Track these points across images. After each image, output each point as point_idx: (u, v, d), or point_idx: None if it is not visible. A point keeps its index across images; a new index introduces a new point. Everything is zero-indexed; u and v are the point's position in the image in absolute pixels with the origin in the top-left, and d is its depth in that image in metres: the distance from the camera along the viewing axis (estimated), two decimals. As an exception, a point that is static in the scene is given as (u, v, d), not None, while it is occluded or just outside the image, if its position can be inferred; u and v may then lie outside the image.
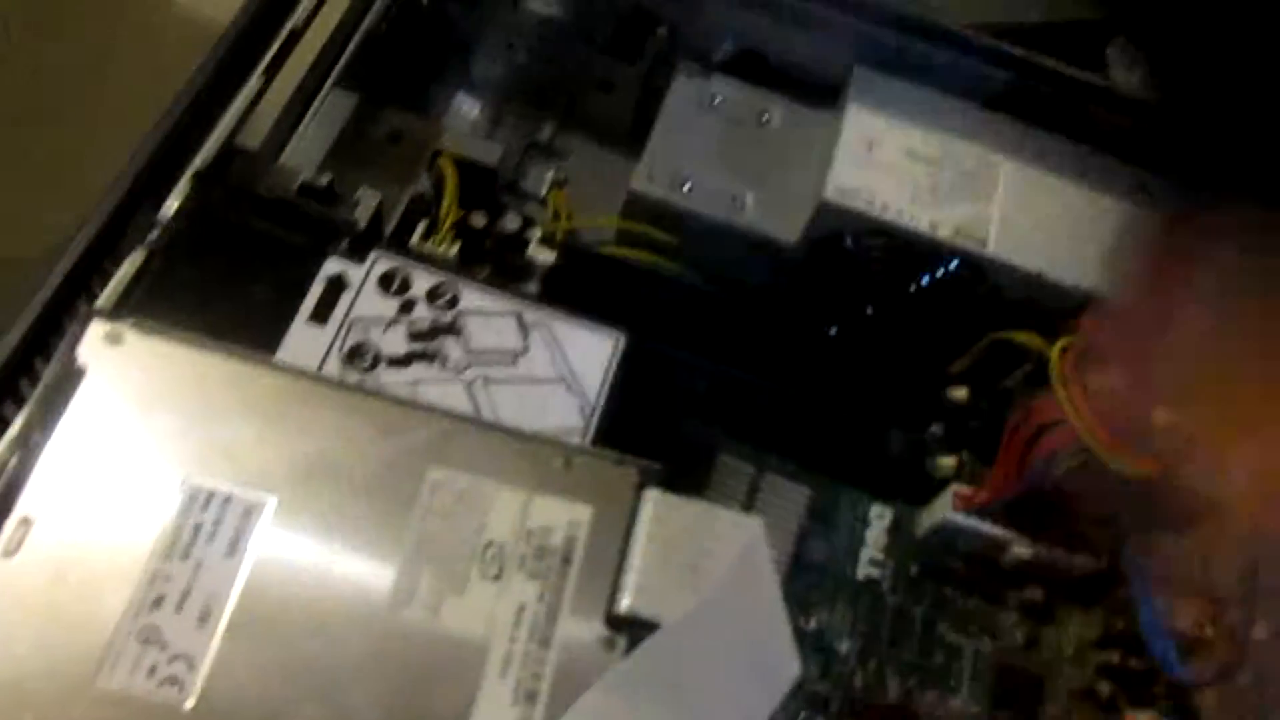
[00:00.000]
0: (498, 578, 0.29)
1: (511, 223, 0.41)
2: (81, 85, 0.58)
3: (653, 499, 0.31)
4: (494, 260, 0.40)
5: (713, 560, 0.30)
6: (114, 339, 0.30)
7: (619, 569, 0.30)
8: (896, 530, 0.44)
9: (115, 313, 0.32)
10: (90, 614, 0.27)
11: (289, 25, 0.42)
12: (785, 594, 0.30)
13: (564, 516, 0.30)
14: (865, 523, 0.44)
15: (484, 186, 0.42)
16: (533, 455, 0.31)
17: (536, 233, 0.41)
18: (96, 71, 0.58)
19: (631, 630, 0.29)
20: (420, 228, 0.41)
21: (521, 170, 0.48)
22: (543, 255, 0.40)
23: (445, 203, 0.40)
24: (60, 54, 0.58)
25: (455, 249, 0.39)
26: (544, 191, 0.47)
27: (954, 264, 0.41)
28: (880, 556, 0.44)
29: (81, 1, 0.60)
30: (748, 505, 0.41)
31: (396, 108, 0.47)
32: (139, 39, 0.60)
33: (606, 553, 0.30)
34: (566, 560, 0.30)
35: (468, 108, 0.49)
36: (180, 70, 0.40)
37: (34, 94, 0.57)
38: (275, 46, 0.41)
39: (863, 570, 0.43)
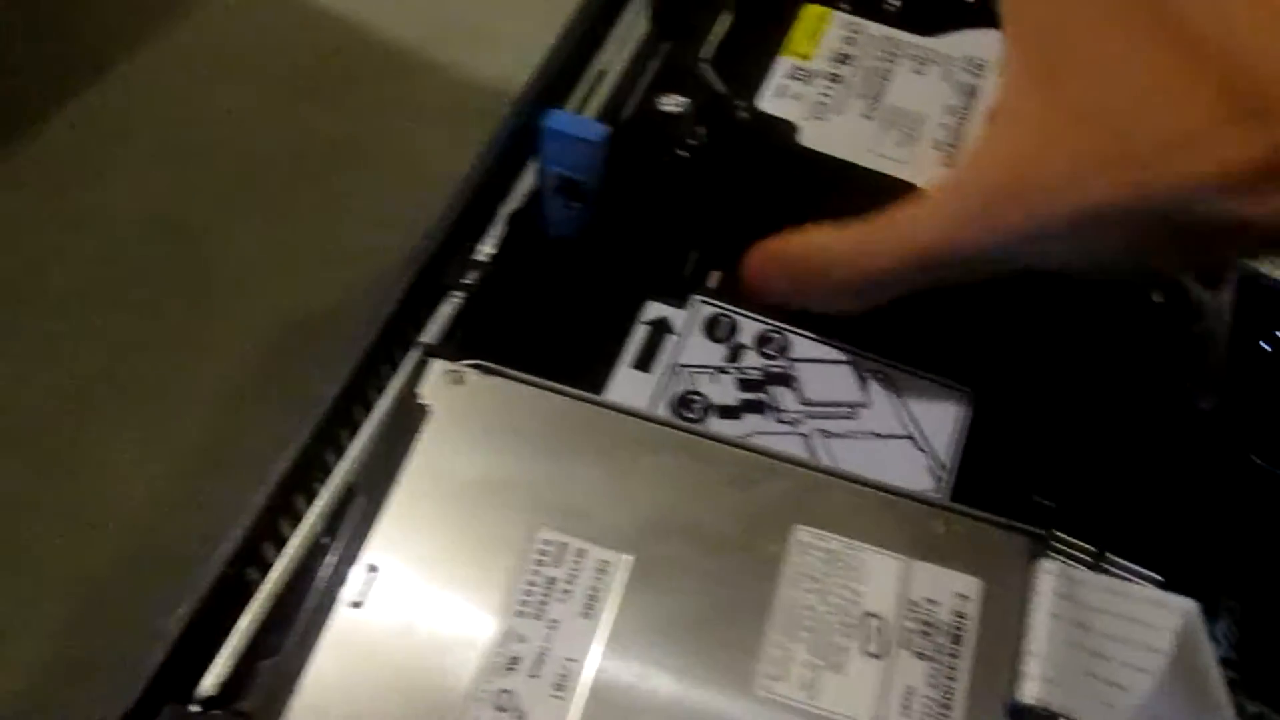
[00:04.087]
0: (880, 655, 0.25)
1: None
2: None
3: (1053, 572, 0.26)
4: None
5: (1129, 648, 0.25)
6: (456, 379, 0.28)
7: (1017, 652, 0.26)
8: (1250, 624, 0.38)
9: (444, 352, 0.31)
10: (440, 672, 0.25)
11: (596, 66, 0.40)
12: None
13: (949, 588, 0.26)
14: (1215, 615, 0.38)
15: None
16: (907, 515, 0.27)
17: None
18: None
19: (1034, 725, 0.25)
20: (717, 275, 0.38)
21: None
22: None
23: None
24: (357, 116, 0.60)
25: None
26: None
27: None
28: (1234, 656, 0.38)
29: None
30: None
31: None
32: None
33: (1002, 633, 0.26)
34: (956, 639, 0.26)
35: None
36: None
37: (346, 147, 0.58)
38: (585, 88, 0.39)
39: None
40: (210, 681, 0.27)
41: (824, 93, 0.37)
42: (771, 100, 0.37)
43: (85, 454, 0.47)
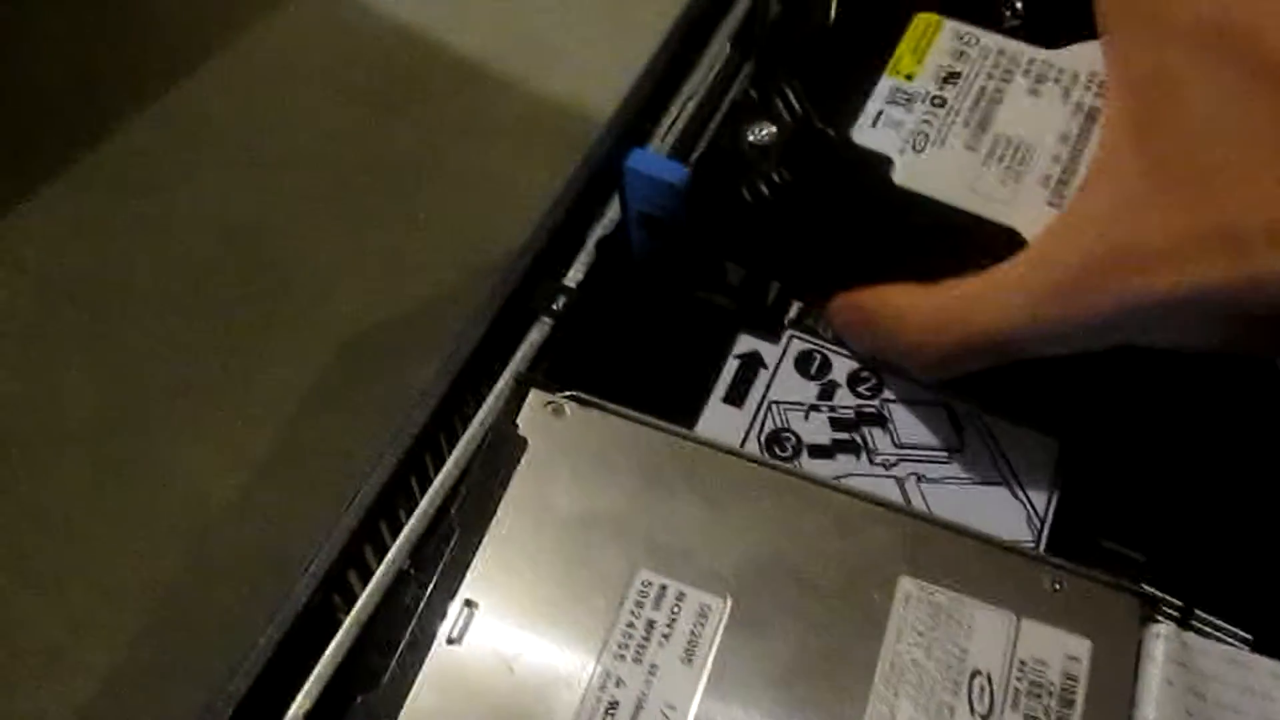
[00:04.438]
0: (987, 716, 0.25)
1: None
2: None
3: (1167, 636, 0.26)
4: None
5: None
6: (555, 411, 0.28)
7: (1129, 719, 0.25)
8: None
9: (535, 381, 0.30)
10: (538, 713, 0.24)
11: (685, 93, 0.40)
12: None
13: (1059, 649, 0.26)
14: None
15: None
16: (1015, 570, 0.27)
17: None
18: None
19: (1146, 796, 0.24)
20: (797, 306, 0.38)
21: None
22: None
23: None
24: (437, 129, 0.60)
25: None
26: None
27: None
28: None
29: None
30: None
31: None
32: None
33: (1113, 698, 0.25)
34: (1067, 703, 0.25)
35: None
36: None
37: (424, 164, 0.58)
38: (671, 119, 0.39)
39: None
40: (294, 712, 0.26)
41: (925, 119, 0.34)
42: (867, 131, 0.34)
43: (158, 459, 0.47)
